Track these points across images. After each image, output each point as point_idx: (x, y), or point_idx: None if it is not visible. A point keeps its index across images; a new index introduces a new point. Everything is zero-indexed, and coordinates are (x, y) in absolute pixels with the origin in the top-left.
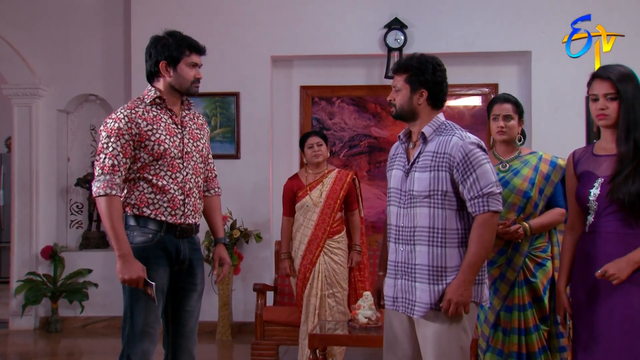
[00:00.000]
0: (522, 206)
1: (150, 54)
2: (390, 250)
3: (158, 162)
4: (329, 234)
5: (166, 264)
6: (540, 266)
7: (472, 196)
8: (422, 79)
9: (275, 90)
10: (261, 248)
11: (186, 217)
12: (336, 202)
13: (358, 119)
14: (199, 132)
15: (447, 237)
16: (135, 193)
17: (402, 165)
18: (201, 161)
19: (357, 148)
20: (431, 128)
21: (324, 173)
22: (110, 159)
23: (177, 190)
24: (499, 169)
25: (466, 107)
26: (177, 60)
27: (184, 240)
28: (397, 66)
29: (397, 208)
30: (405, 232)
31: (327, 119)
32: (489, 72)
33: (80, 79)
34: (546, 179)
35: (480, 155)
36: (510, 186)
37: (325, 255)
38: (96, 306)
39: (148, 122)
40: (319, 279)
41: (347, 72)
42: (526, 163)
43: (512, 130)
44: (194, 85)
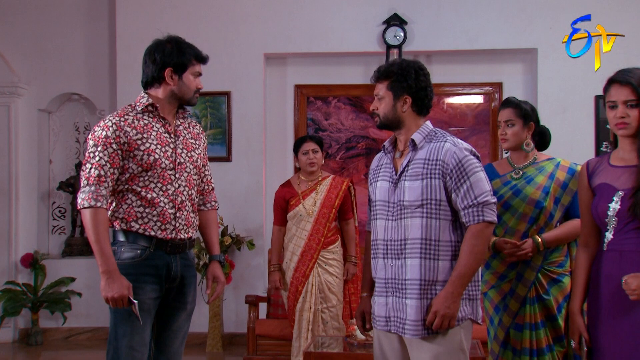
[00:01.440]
0: (535, 217)
1: (155, 59)
2: (378, 268)
3: (147, 173)
4: (323, 244)
5: (155, 281)
6: (555, 282)
7: (466, 205)
8: (404, 85)
9: (269, 89)
10: (254, 255)
11: (178, 232)
12: (331, 211)
13: (355, 119)
14: (194, 142)
15: (440, 249)
16: (123, 206)
17: (389, 175)
18: (195, 173)
19: (354, 150)
20: (421, 135)
21: (318, 180)
22: (96, 169)
23: (167, 203)
24: (512, 177)
25: (469, 107)
26: (185, 68)
27: (176, 257)
28: (377, 73)
29: (385, 221)
30: (394, 245)
31: (322, 120)
32: (492, 70)
33: (62, 76)
34: (563, 188)
35: (474, 163)
36: (522, 195)
37: (319, 267)
38: (80, 317)
39: (138, 130)
40: (312, 292)
41: (343, 71)
42: (541, 170)
43: (515, 136)
44: (195, 95)
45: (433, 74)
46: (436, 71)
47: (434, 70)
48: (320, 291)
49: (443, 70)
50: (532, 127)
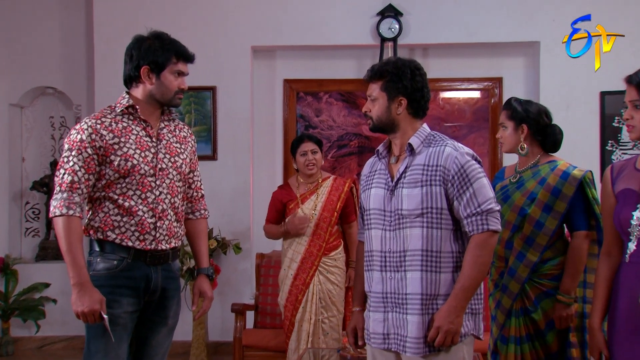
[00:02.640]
0: (518, 225)
1: (132, 56)
2: (374, 281)
3: (125, 179)
4: (324, 250)
5: (133, 294)
6: (547, 296)
7: (469, 213)
8: (399, 86)
9: (256, 84)
10: (240, 260)
11: (158, 242)
12: (333, 215)
13: (348, 116)
14: (179, 146)
15: (442, 260)
16: (99, 214)
17: (384, 182)
18: (179, 179)
19: (346, 148)
20: (418, 139)
21: (318, 182)
22: (69, 175)
23: (146, 212)
24: (510, 181)
25: (467, 103)
26: (162, 66)
27: (157, 268)
28: (371, 73)
29: (382, 231)
30: (393, 257)
31: (313, 116)
32: (492, 64)
33: (35, 70)
34: (554, 194)
35: (476, 168)
36: (509, 201)
37: (321, 275)
38: (54, 325)
39: (115, 134)
40: (312, 302)
41: (335, 65)
42: (535, 174)
43: (507, 139)
44: (177, 96)
45: (430, 68)
46: (433, 65)
47: (430, 64)
48: (321, 300)
49: (440, 64)
50: (525, 130)
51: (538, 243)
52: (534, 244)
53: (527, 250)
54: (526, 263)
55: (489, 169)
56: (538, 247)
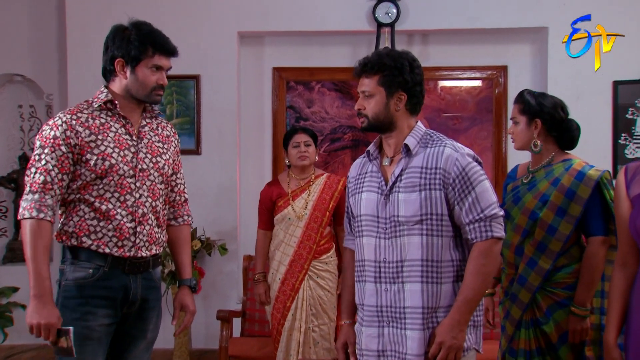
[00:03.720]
0: (528, 229)
1: (107, 47)
2: (366, 293)
3: (102, 180)
4: (315, 253)
5: (109, 305)
6: (560, 306)
7: (472, 219)
8: (400, 80)
9: (243, 72)
10: (226, 261)
11: (138, 249)
12: (325, 215)
13: (341, 107)
14: (162, 145)
15: (442, 270)
16: (74, 218)
17: (377, 186)
18: (161, 181)
19: (339, 142)
20: (414, 139)
21: (311, 179)
22: (41, 175)
23: (125, 216)
24: (522, 181)
25: (469, 94)
26: (137, 60)
27: (136, 277)
28: (364, 66)
29: (376, 239)
30: (390, 268)
31: (304, 107)
32: (496, 52)
33: (1, 56)
34: (568, 196)
35: (478, 170)
36: (520, 203)
37: (311, 280)
38: (23, 332)
39: (92, 130)
40: (302, 309)
41: (328, 52)
42: (548, 174)
43: (519, 135)
44: (154, 92)
45: (429, 56)
46: (433, 53)
47: (430, 51)
48: (312, 307)
49: (441, 51)
50: (539, 125)
51: (551, 249)
52: (547, 251)
53: (538, 257)
54: (538, 271)
55: (493, 164)
56: (551, 253)
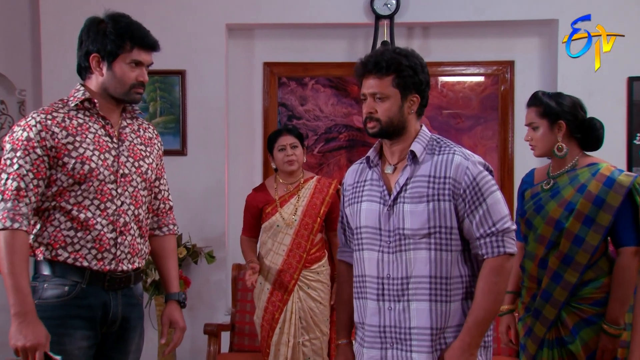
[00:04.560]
0: (554, 241)
1: (82, 42)
2: (368, 312)
3: (81, 186)
4: (305, 262)
5: (88, 326)
6: (588, 324)
7: (483, 233)
8: (416, 81)
9: (232, 68)
10: (214, 270)
11: (119, 262)
12: (315, 221)
13: (337, 104)
14: (144, 148)
15: (451, 288)
16: (48, 229)
17: (379, 196)
18: (144, 187)
19: (335, 142)
20: (421, 145)
21: (300, 183)
22: (14, 181)
23: (106, 225)
24: (542, 187)
25: (473, 91)
26: (114, 55)
27: (117, 294)
28: (376, 65)
29: (378, 253)
30: (394, 285)
31: (297, 105)
32: (503, 46)
33: None
34: (597, 204)
35: (490, 180)
36: (543, 212)
37: (301, 291)
38: None
39: (69, 132)
40: (291, 322)
41: (323, 46)
42: (573, 180)
43: (541, 142)
44: (134, 90)
45: (430, 50)
46: (434, 47)
47: (431, 45)
48: (302, 320)
49: (443, 46)
50: (564, 127)
51: (577, 262)
52: (573, 263)
53: (564, 270)
54: (563, 285)
55: (499, 166)
56: (577, 266)
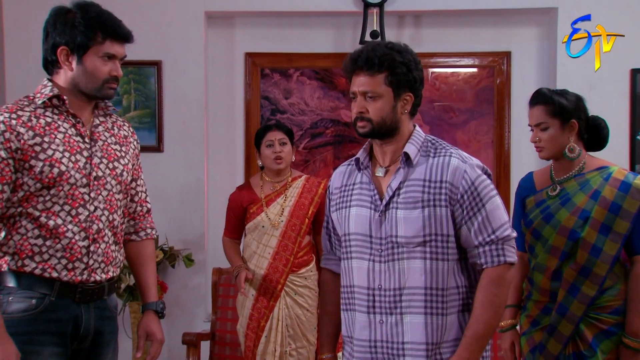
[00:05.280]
0: (568, 251)
1: (48, 34)
2: (357, 325)
3: (50, 191)
4: (293, 266)
5: (57, 342)
6: (607, 336)
7: (482, 241)
8: (409, 78)
9: (212, 58)
10: (192, 274)
11: (92, 272)
12: (303, 222)
13: (323, 98)
14: (119, 148)
15: (447, 299)
16: (14, 237)
17: (370, 201)
18: (119, 190)
19: (321, 137)
20: (415, 146)
21: (287, 181)
22: None
23: (77, 232)
24: (547, 194)
25: (467, 83)
26: (84, 48)
27: (89, 307)
28: (368, 61)
29: (369, 262)
30: (386, 296)
31: (281, 98)
32: (499, 36)
33: None
34: (613, 211)
35: (489, 185)
36: (554, 221)
37: (288, 297)
38: None
39: (36, 132)
40: (277, 330)
41: (308, 35)
42: (584, 185)
43: (551, 143)
44: (107, 86)
45: (422, 40)
46: (426, 37)
47: (423, 35)
48: (289, 328)
49: (435, 35)
50: (576, 127)
51: (596, 273)
52: (591, 275)
53: (582, 283)
54: (581, 299)
55: (494, 163)
56: (596, 278)
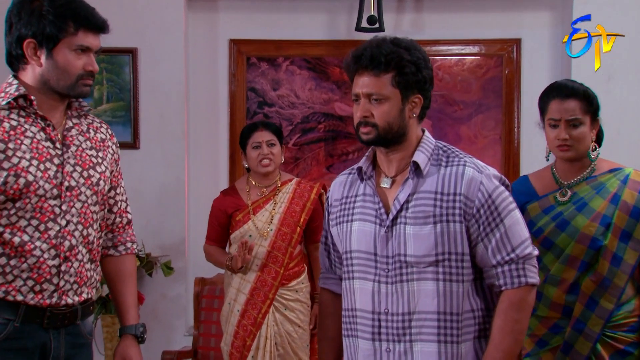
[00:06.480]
0: (588, 261)
1: (11, 25)
2: (362, 353)
3: (15, 204)
4: (282, 278)
5: None
6: (624, 355)
7: (501, 261)
8: (418, 79)
9: (193, 46)
10: (172, 283)
11: (62, 294)
12: (295, 231)
13: (315, 89)
14: (95, 154)
15: (462, 325)
16: None
17: (374, 214)
18: (95, 202)
19: (313, 133)
20: (425, 154)
21: (276, 186)
22: None
23: (46, 250)
24: (556, 199)
25: (474, 73)
26: (54, 40)
27: (59, 333)
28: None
29: (374, 284)
30: (394, 322)
31: (269, 90)
32: (508, 22)
33: None
34: (634, 216)
35: (507, 197)
36: (570, 229)
37: (277, 312)
38: None
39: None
40: (266, 349)
41: (299, 21)
42: (600, 189)
43: (582, 142)
44: (81, 82)
45: (424, 26)
46: (429, 23)
47: (425, 21)
48: (278, 347)
49: (438, 21)
50: (598, 124)
51: (616, 285)
52: (611, 287)
53: (600, 296)
54: (600, 313)
55: (503, 161)
56: (615, 290)
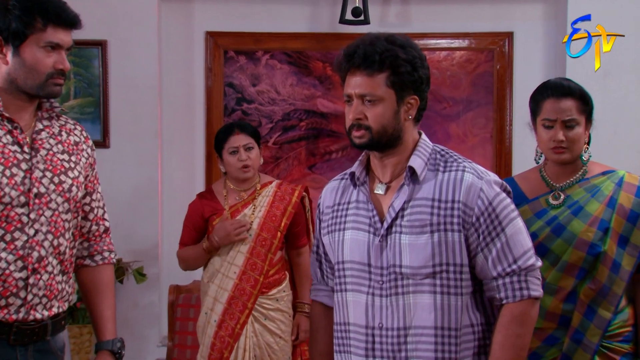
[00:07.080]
0: (587, 268)
1: None
2: None
3: None
4: (262, 287)
5: None
6: None
7: (502, 272)
8: (414, 79)
9: (166, 38)
10: (144, 291)
11: (30, 309)
12: (275, 236)
13: (297, 85)
14: (68, 158)
15: (461, 341)
16: None
17: (368, 223)
18: (67, 209)
19: (294, 131)
20: (421, 159)
21: (255, 189)
22: None
23: (12, 262)
24: (549, 203)
25: (463, 69)
26: (22, 36)
27: (26, 350)
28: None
29: (368, 297)
30: (388, 337)
31: (248, 85)
32: (499, 14)
33: None
34: (631, 220)
35: (509, 204)
36: (567, 234)
37: (256, 323)
38: None
39: None
40: None
41: (279, 12)
42: (595, 192)
43: (577, 143)
44: (51, 81)
45: (411, 19)
46: (416, 16)
47: (412, 13)
48: (257, 359)
49: (426, 13)
50: (590, 125)
51: (614, 292)
52: (609, 295)
53: (599, 304)
54: (598, 322)
55: (494, 160)
56: (613, 298)
